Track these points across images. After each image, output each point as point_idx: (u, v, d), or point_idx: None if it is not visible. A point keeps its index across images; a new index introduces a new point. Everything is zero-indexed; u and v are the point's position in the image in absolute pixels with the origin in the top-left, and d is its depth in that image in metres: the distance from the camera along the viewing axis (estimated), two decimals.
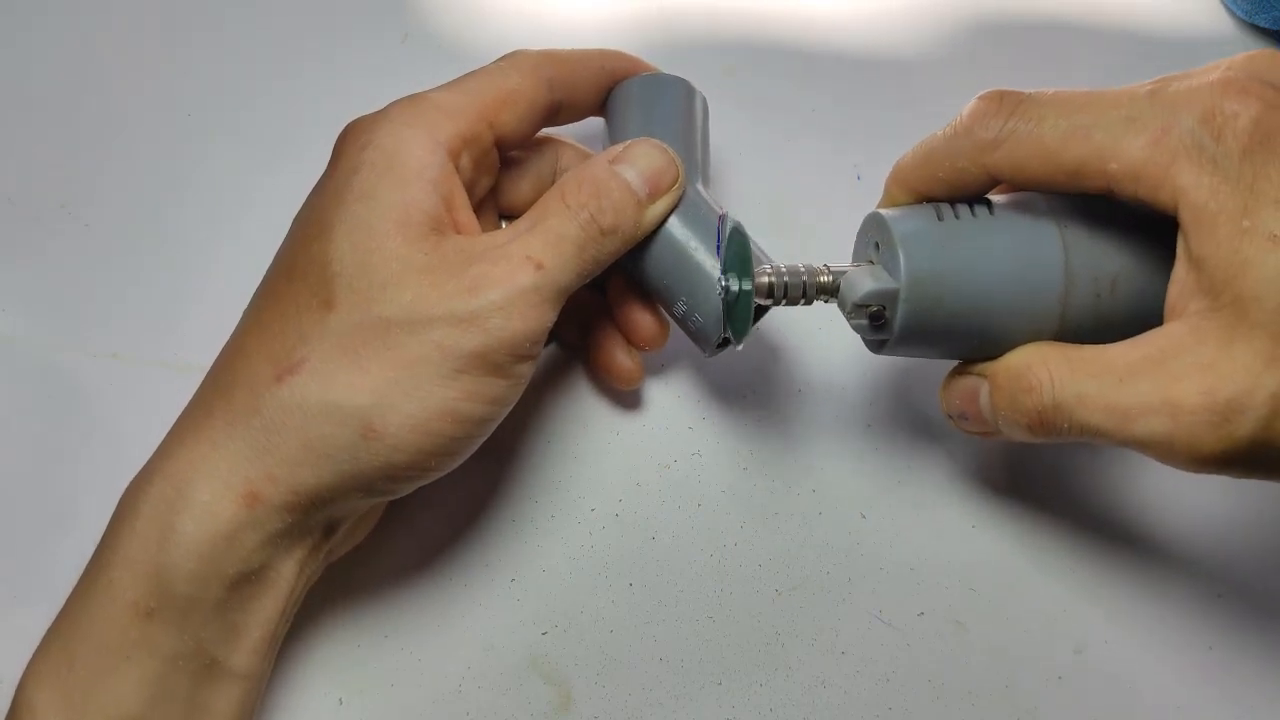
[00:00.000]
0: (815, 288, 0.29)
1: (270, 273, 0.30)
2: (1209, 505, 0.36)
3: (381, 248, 0.28)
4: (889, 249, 0.28)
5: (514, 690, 0.34)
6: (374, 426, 0.27)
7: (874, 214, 0.29)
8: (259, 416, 0.27)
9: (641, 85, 0.34)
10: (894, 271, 0.27)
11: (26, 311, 0.39)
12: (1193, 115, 0.25)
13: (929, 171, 0.29)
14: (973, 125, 0.27)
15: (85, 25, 0.44)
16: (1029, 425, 0.27)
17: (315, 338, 0.27)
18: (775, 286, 0.28)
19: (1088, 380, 0.26)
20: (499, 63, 0.32)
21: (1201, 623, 0.34)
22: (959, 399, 0.30)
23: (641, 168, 0.31)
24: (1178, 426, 0.25)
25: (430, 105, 0.30)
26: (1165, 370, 0.25)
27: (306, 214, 0.30)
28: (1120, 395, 0.25)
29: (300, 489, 0.27)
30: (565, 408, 0.37)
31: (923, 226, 0.28)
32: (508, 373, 0.28)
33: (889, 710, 0.33)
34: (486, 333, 0.27)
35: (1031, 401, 0.27)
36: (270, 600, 0.29)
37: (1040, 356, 0.27)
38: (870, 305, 0.27)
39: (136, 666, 0.27)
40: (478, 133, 0.30)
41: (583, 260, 0.29)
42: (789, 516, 0.36)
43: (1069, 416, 0.26)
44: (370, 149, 0.29)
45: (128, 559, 0.27)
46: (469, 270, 0.28)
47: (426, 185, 0.28)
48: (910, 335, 0.28)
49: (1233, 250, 0.24)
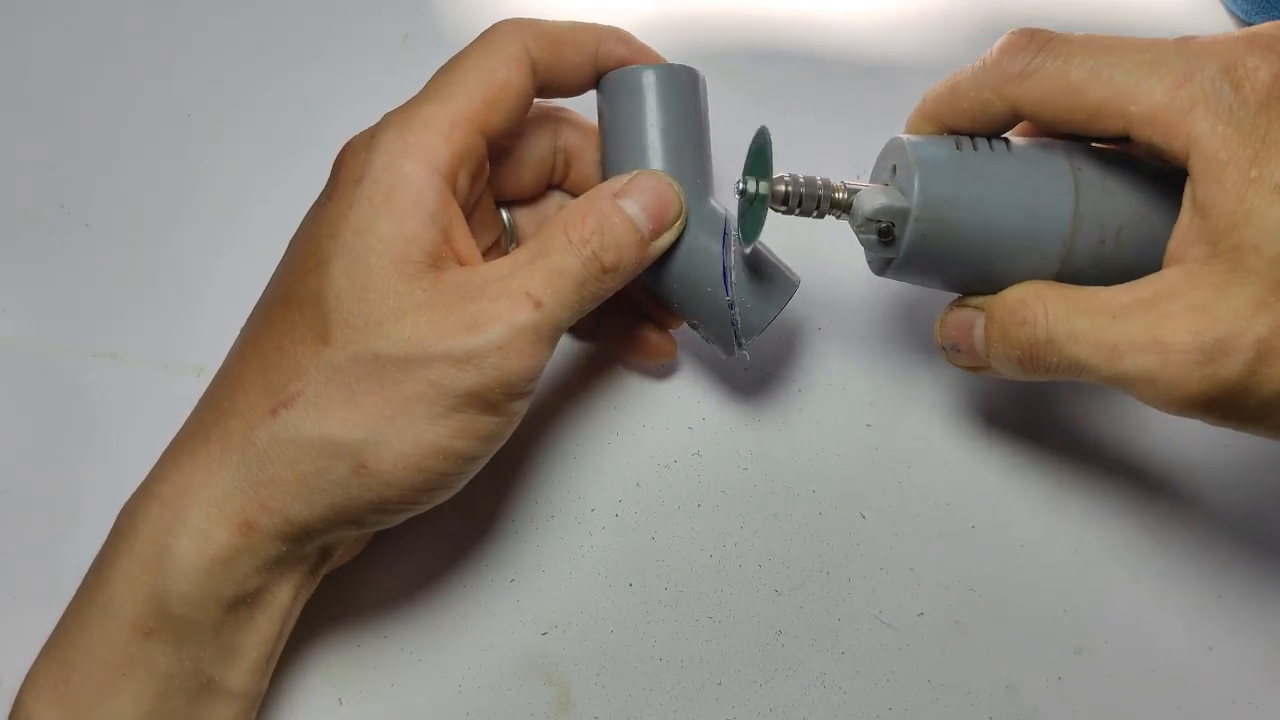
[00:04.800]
0: (829, 201, 0.29)
1: (265, 299, 0.30)
2: (1210, 505, 0.36)
3: (379, 284, 0.27)
4: (905, 171, 0.28)
5: (514, 690, 0.34)
6: (366, 463, 0.27)
7: (895, 139, 0.29)
8: (253, 447, 0.27)
9: (647, 83, 0.32)
10: (908, 192, 0.28)
11: (27, 312, 0.39)
12: (1215, 65, 0.25)
13: (954, 102, 0.29)
14: (1001, 58, 0.28)
15: (85, 25, 0.44)
16: (1020, 359, 0.28)
17: (310, 371, 0.27)
18: (791, 195, 0.29)
19: (1081, 317, 0.26)
20: (481, 46, 0.30)
21: (1201, 623, 0.34)
22: (954, 330, 0.30)
23: (646, 203, 0.30)
24: (1164, 364, 0.25)
25: (422, 126, 0.29)
26: (1157, 310, 0.25)
27: (303, 243, 0.29)
28: (1111, 332, 0.26)
29: (294, 520, 0.27)
30: (565, 408, 0.37)
31: (940, 153, 0.28)
32: (502, 410, 0.28)
33: (889, 710, 0.33)
34: (483, 371, 0.27)
35: (1025, 334, 0.27)
36: (266, 622, 0.29)
37: (1036, 292, 0.27)
38: (881, 220, 0.28)
39: (134, 684, 0.27)
40: (472, 146, 0.29)
41: (582, 297, 0.29)
42: (789, 516, 0.36)
43: (1060, 351, 0.27)
44: (366, 182, 0.28)
45: (127, 578, 0.27)
46: (467, 307, 0.27)
47: (424, 218, 0.28)
48: (915, 257, 0.28)
49: (1238, 199, 0.24)
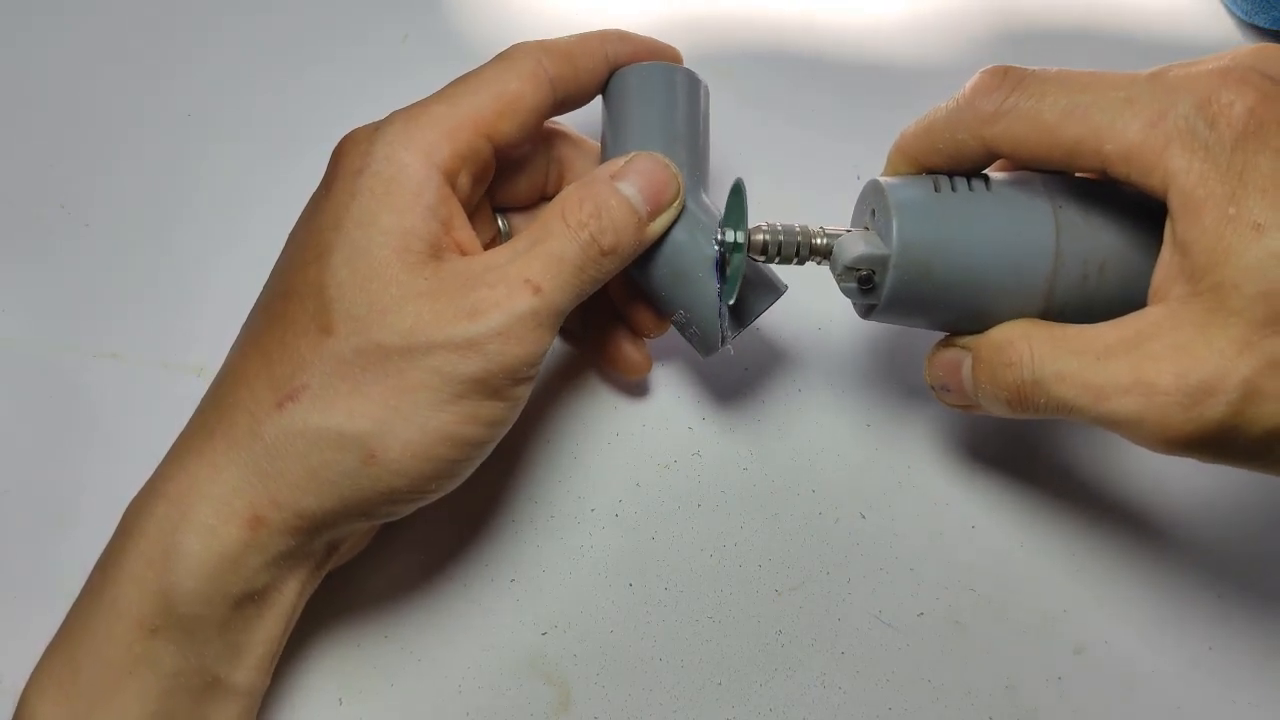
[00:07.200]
0: (808, 248, 0.29)
1: (266, 293, 0.30)
2: (1210, 506, 0.36)
3: (381, 274, 0.27)
4: (884, 215, 0.28)
5: (514, 690, 0.34)
6: (374, 453, 0.27)
7: (873, 181, 0.29)
8: (260, 442, 0.27)
9: (644, 79, 0.33)
10: (886, 238, 0.28)
11: (27, 312, 0.39)
12: (1190, 101, 0.25)
13: (929, 142, 0.29)
14: (974, 98, 0.27)
15: (85, 25, 0.44)
16: (1008, 399, 0.28)
17: (315, 363, 0.27)
18: (770, 244, 0.29)
19: (1067, 358, 0.26)
20: (498, 63, 0.31)
21: (1201, 623, 0.34)
22: (942, 370, 0.30)
23: (643, 184, 0.30)
24: (1149, 406, 0.25)
25: (428, 123, 0.29)
26: (1141, 351, 0.25)
27: (303, 236, 0.29)
28: (1096, 374, 0.26)
29: (303, 513, 0.27)
30: (565, 408, 0.37)
31: (918, 195, 0.28)
32: (506, 395, 0.28)
33: (889, 710, 0.33)
34: (485, 357, 0.27)
35: (1011, 376, 0.27)
36: (272, 619, 0.29)
37: (1022, 332, 0.27)
38: (860, 269, 0.28)
39: (140, 682, 0.27)
40: (476, 148, 0.30)
41: (581, 281, 0.29)
42: (789, 516, 0.36)
43: (1046, 392, 0.27)
44: (367, 174, 0.28)
45: (133, 576, 0.27)
46: (468, 295, 0.27)
47: (424, 210, 0.28)
48: (898, 302, 0.28)
49: (1216, 237, 0.24)
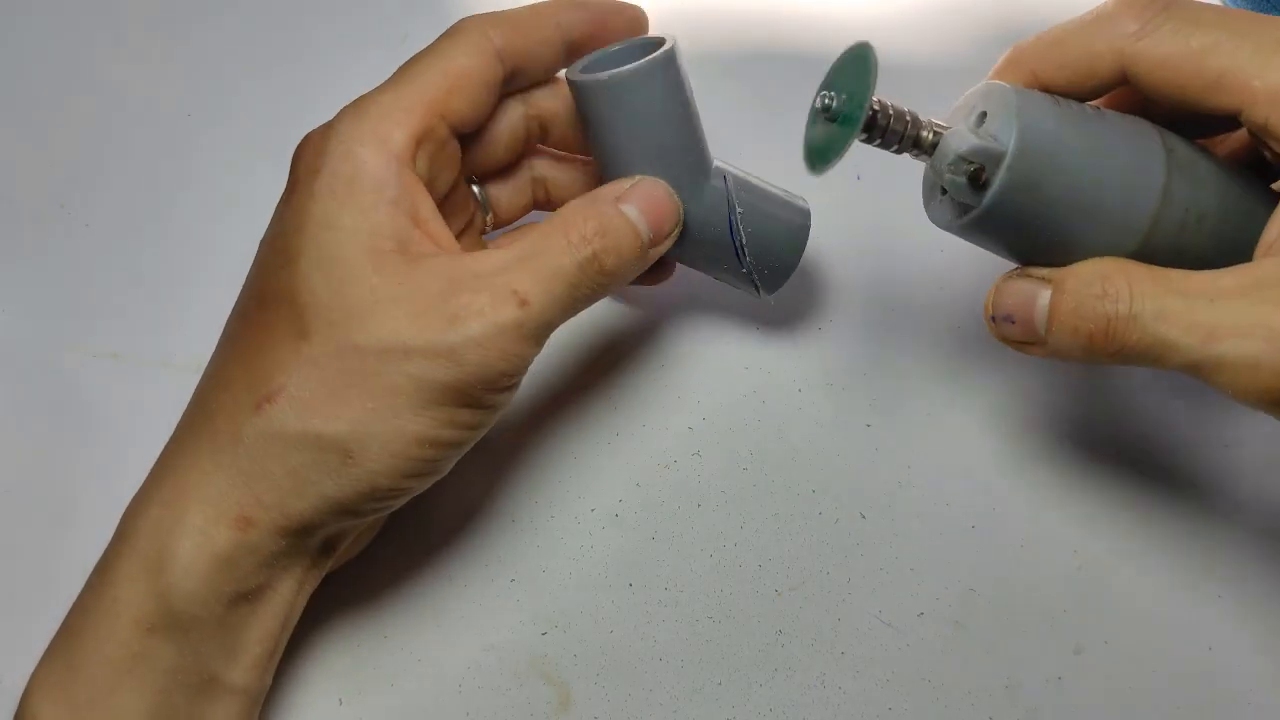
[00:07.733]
0: (914, 139, 0.27)
1: (242, 298, 0.30)
2: (1210, 505, 0.36)
3: (353, 278, 0.27)
4: (1003, 116, 0.26)
5: (514, 690, 0.34)
6: (352, 454, 0.27)
7: (991, 84, 0.28)
8: (242, 444, 0.27)
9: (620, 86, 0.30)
10: (1004, 140, 0.26)
11: (26, 311, 0.39)
12: None
13: (1056, 54, 0.27)
14: (1120, 12, 0.26)
15: (84, 25, 0.44)
16: (1091, 334, 0.26)
17: (292, 366, 0.27)
18: (880, 121, 0.27)
19: (1173, 297, 0.25)
20: (442, 41, 0.30)
21: (1201, 623, 0.34)
22: (1011, 300, 0.28)
23: (648, 209, 0.29)
24: (1270, 350, 0.24)
25: (377, 113, 0.28)
26: (1262, 296, 0.25)
27: (271, 240, 0.29)
28: (1210, 314, 0.25)
29: (290, 513, 0.27)
30: (565, 408, 0.37)
31: (1040, 102, 0.27)
32: (484, 403, 0.28)
33: (889, 710, 0.33)
34: (462, 367, 0.27)
35: (1104, 308, 0.26)
36: (269, 617, 0.29)
37: (1119, 267, 0.26)
38: (973, 162, 0.26)
39: (138, 679, 0.27)
40: (430, 128, 0.29)
41: (574, 298, 0.28)
42: (789, 516, 0.36)
43: (1142, 328, 0.25)
44: (325, 174, 0.28)
45: (130, 578, 0.27)
46: (449, 301, 0.27)
47: (388, 206, 0.27)
48: (998, 208, 0.26)
49: None
